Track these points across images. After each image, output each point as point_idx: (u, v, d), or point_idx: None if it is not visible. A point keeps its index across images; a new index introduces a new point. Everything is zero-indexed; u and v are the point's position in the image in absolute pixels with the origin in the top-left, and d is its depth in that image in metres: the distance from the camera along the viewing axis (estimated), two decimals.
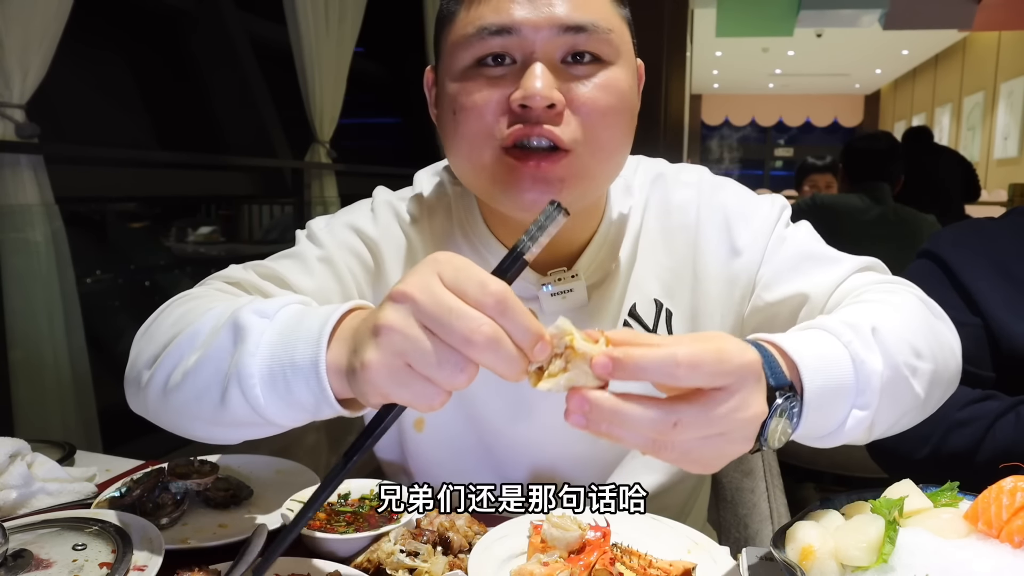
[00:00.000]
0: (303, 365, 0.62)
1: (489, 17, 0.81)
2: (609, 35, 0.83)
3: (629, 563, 0.76)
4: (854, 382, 0.67)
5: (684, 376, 0.54)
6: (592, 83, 0.83)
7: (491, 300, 0.53)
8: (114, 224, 2.89)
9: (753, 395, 0.57)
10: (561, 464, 1.01)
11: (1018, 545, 0.64)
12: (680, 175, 1.03)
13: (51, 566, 0.73)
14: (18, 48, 1.80)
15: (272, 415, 0.66)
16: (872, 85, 13.23)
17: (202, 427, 0.73)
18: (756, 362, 0.58)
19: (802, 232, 1.00)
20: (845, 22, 6.65)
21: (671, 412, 0.54)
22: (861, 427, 0.68)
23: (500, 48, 0.82)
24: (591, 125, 0.83)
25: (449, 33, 0.87)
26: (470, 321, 0.53)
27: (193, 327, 0.72)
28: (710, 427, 0.55)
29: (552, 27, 0.80)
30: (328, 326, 0.62)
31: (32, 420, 1.92)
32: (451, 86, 0.85)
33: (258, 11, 3.35)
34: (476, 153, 0.84)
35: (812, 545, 0.68)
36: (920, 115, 11.05)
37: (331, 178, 3.43)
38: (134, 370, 0.78)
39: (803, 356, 0.66)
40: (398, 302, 0.55)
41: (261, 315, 0.67)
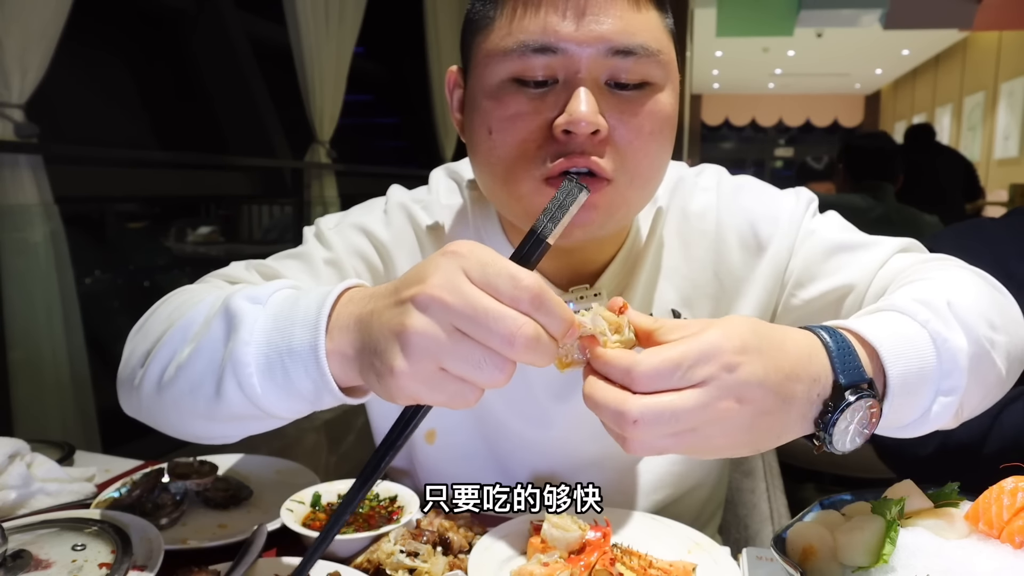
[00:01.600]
0: (301, 350, 0.59)
1: (532, 33, 0.76)
2: (658, 57, 0.78)
3: (629, 563, 0.76)
4: (936, 364, 0.63)
5: (642, 384, 0.54)
6: (637, 111, 0.78)
7: (526, 296, 0.52)
8: (113, 224, 2.89)
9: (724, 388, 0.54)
10: (572, 475, 0.99)
11: (1019, 546, 0.64)
12: (699, 180, 1.00)
13: (50, 566, 0.72)
14: (17, 48, 1.80)
15: (270, 405, 0.63)
16: (872, 85, 13.23)
17: (198, 424, 0.70)
18: (730, 364, 0.54)
19: (831, 222, 0.96)
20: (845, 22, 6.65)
21: (628, 401, 0.54)
22: (949, 412, 0.65)
23: (543, 68, 0.76)
24: (633, 154, 0.79)
25: (484, 41, 0.81)
26: (509, 323, 0.51)
27: (185, 319, 0.69)
28: (675, 424, 0.54)
29: (599, 49, 0.75)
30: (325, 308, 0.60)
31: (31, 420, 1.92)
32: (485, 100, 0.80)
33: (258, 11, 3.35)
34: (513, 181, 0.80)
35: (812, 545, 0.68)
36: (920, 115, 11.05)
37: (331, 178, 3.43)
38: (127, 369, 0.75)
39: (882, 340, 0.61)
40: (425, 306, 0.52)
41: (253, 301, 0.64)
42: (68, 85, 2.41)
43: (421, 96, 4.43)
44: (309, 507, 0.91)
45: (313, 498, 0.92)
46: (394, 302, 0.55)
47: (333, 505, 0.93)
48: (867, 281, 0.88)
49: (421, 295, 0.52)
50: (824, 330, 0.62)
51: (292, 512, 0.88)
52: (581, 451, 0.98)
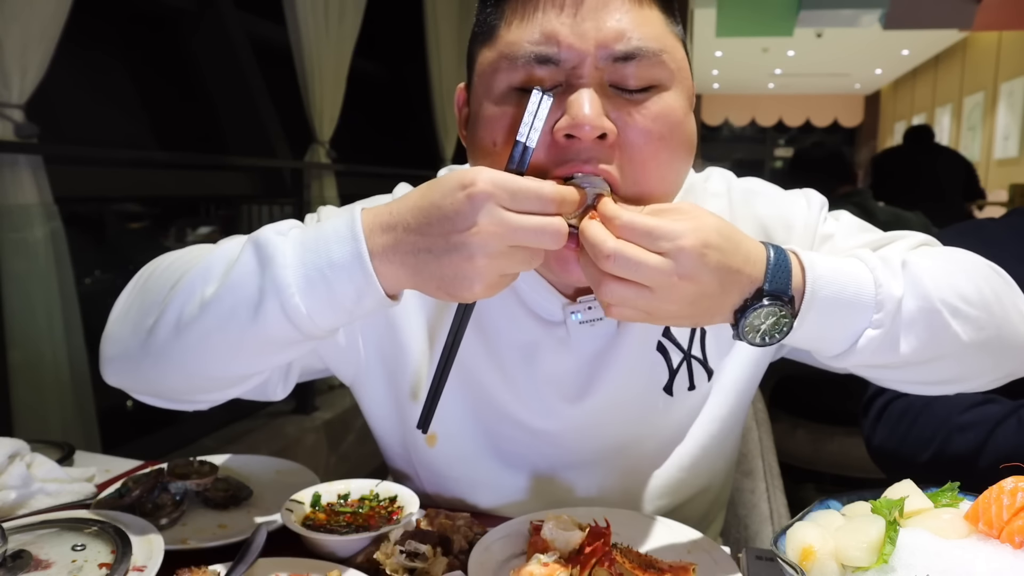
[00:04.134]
0: (343, 262, 0.67)
1: (534, 43, 0.76)
2: (661, 57, 0.77)
3: (629, 563, 0.76)
4: (872, 301, 0.71)
5: (620, 231, 0.67)
6: (644, 114, 0.77)
7: (552, 206, 0.67)
8: (113, 224, 2.89)
9: (685, 261, 0.65)
10: (574, 472, 0.99)
11: (1019, 546, 0.64)
12: (708, 185, 0.99)
13: (50, 567, 0.72)
14: (17, 48, 1.80)
15: (309, 323, 0.69)
16: (872, 85, 13.22)
17: (217, 361, 0.74)
18: (696, 250, 0.65)
19: (846, 223, 0.96)
20: (845, 22, 6.65)
21: (610, 240, 0.66)
22: (873, 346, 0.72)
23: (544, 76, 0.76)
24: (642, 161, 0.77)
25: (486, 52, 0.81)
26: (551, 233, 0.67)
27: (202, 263, 0.73)
28: (636, 275, 0.65)
29: (600, 55, 0.75)
30: (357, 222, 0.68)
31: (31, 420, 1.92)
32: (488, 109, 0.79)
33: (258, 11, 3.35)
34: None
35: (812, 545, 0.68)
36: (920, 115, 11.05)
37: (331, 178, 3.43)
38: (126, 323, 0.78)
39: (816, 266, 0.71)
40: (485, 243, 0.64)
41: (278, 233, 0.71)
42: (68, 85, 2.41)
43: (421, 96, 4.43)
44: (309, 507, 0.91)
45: (313, 498, 0.92)
46: (446, 244, 0.65)
47: (333, 505, 0.93)
48: None
49: (479, 237, 0.64)
50: (774, 247, 0.72)
51: (292, 512, 0.88)
52: (585, 454, 0.98)
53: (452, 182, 0.65)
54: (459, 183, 0.65)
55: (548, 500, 0.99)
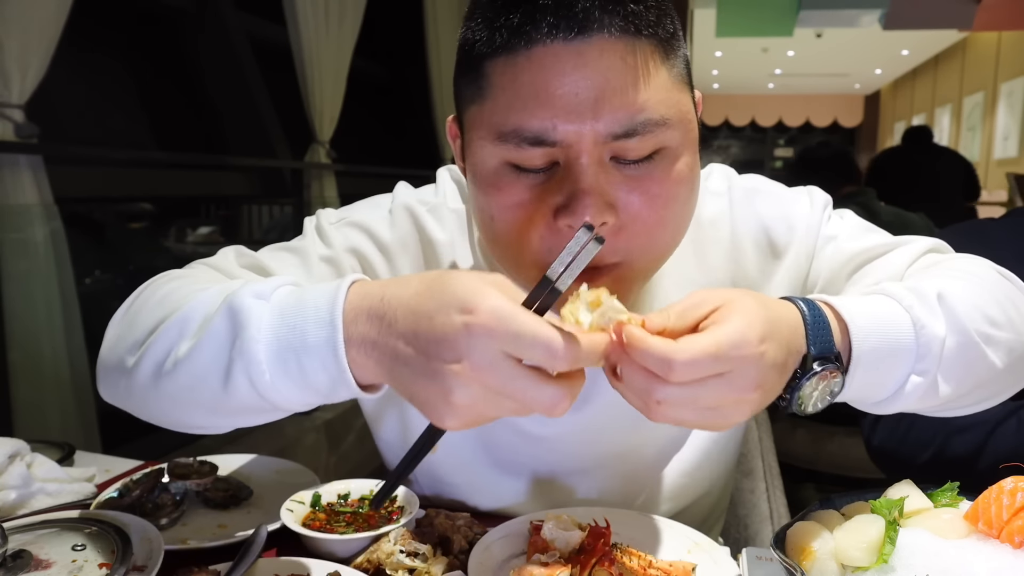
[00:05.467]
0: (317, 346, 0.60)
1: (524, 122, 0.70)
2: (667, 124, 0.72)
3: (629, 563, 0.76)
4: (913, 346, 0.66)
5: (677, 376, 0.56)
6: (648, 190, 0.73)
7: (564, 364, 0.54)
8: (113, 224, 2.89)
9: (748, 380, 0.58)
10: (573, 478, 0.98)
11: (1018, 545, 0.64)
12: (709, 184, 0.96)
13: (50, 566, 0.72)
14: (17, 48, 1.80)
15: (281, 399, 0.63)
16: (872, 85, 13.22)
17: (198, 416, 0.70)
18: (757, 354, 0.58)
19: (851, 224, 0.94)
20: (845, 22, 6.65)
21: (658, 389, 0.57)
22: (919, 392, 0.68)
23: (540, 157, 0.71)
24: (647, 231, 0.74)
25: (477, 114, 0.75)
26: (548, 400, 0.55)
27: (182, 311, 0.68)
28: (696, 405, 0.58)
29: (599, 133, 0.70)
30: (339, 304, 0.60)
31: (31, 420, 1.92)
32: (483, 182, 0.76)
33: (258, 11, 3.35)
34: (519, 268, 0.78)
35: (812, 545, 0.68)
36: (920, 115, 11.05)
37: (331, 178, 3.43)
38: (113, 355, 0.73)
39: (856, 318, 0.65)
40: (467, 383, 0.55)
41: (257, 296, 0.64)
42: (68, 85, 2.41)
43: (421, 96, 4.43)
44: (309, 507, 0.91)
45: (313, 498, 0.92)
46: (427, 366, 0.56)
47: (333, 505, 0.93)
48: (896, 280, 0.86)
49: (462, 377, 0.55)
50: (804, 302, 0.66)
51: (292, 512, 0.88)
52: (584, 460, 0.97)
53: (453, 300, 0.55)
54: (460, 305, 0.55)
55: (548, 506, 0.99)
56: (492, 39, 0.72)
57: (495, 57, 0.72)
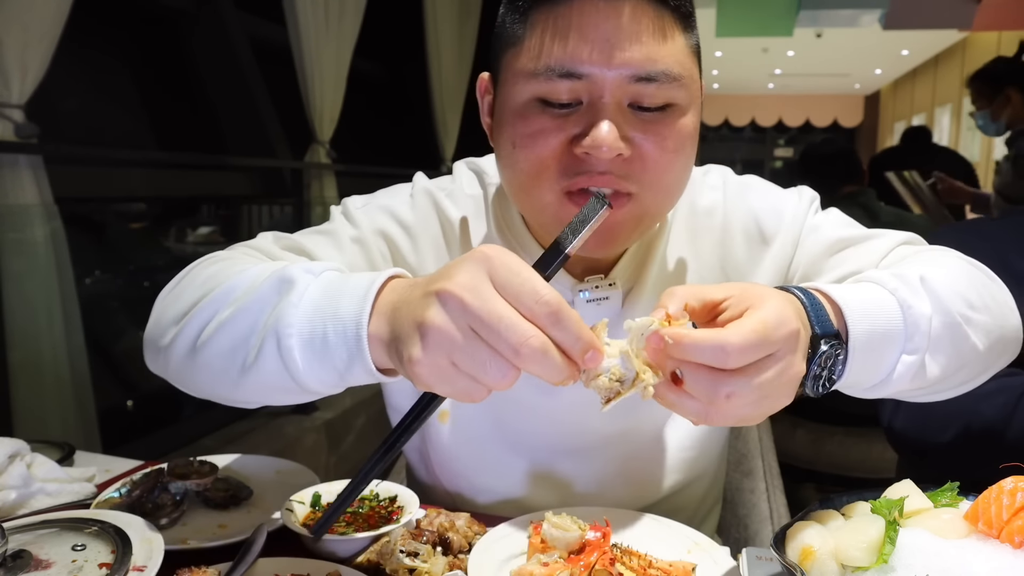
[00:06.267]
0: (345, 319, 0.62)
1: (559, 58, 0.79)
2: (680, 81, 0.81)
3: (629, 563, 0.76)
4: (902, 327, 0.70)
5: (734, 361, 0.57)
6: (659, 132, 0.81)
7: (544, 311, 0.54)
8: (114, 224, 2.89)
9: (795, 356, 0.60)
10: (577, 456, 1.01)
11: (1018, 545, 0.64)
12: (706, 178, 1.04)
13: (50, 566, 0.72)
14: (17, 48, 1.80)
15: (302, 372, 0.65)
16: (872, 85, 13.22)
17: (226, 388, 0.73)
18: (796, 330, 0.60)
19: (834, 218, 1.00)
20: (845, 22, 6.65)
21: (724, 383, 0.58)
22: (910, 373, 0.71)
23: (567, 91, 0.79)
24: (655, 171, 0.82)
25: (513, 58, 0.84)
26: (520, 333, 0.53)
27: (228, 283, 0.72)
28: (759, 393, 0.59)
29: (622, 75, 0.78)
30: (375, 287, 0.63)
31: (31, 420, 1.92)
32: (511, 117, 0.83)
33: (258, 11, 3.35)
34: (536, 193, 0.84)
35: (812, 545, 0.68)
36: (920, 115, 11.05)
37: (331, 178, 3.43)
38: (158, 328, 0.77)
39: (848, 301, 0.69)
40: (445, 302, 0.55)
41: (308, 271, 0.68)
42: (68, 85, 2.41)
43: (421, 96, 4.43)
44: (309, 507, 0.91)
45: (313, 498, 0.92)
46: (422, 294, 0.58)
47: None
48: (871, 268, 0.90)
49: (444, 291, 0.55)
50: (798, 289, 0.70)
51: (292, 512, 0.88)
52: (587, 437, 1.00)
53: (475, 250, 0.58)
54: (481, 249, 0.58)
55: (552, 483, 1.01)
56: None
57: (540, 4, 0.81)
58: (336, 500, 0.69)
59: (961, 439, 1.08)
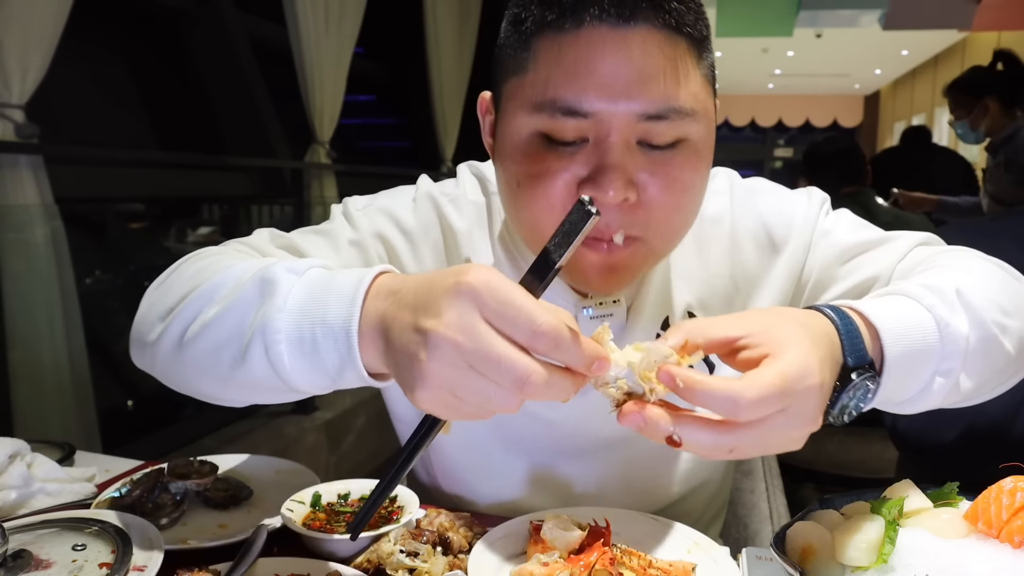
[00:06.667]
0: (334, 324, 0.60)
1: (562, 94, 0.74)
2: (693, 116, 0.76)
3: (629, 563, 0.76)
4: (939, 347, 0.67)
5: (747, 414, 0.53)
6: (669, 174, 0.77)
7: (543, 343, 0.52)
8: (114, 224, 2.89)
9: (810, 411, 0.56)
10: (579, 462, 1.00)
11: (1018, 545, 0.64)
12: (712, 183, 1.00)
13: (51, 566, 0.72)
14: (18, 48, 1.81)
15: (293, 376, 0.63)
16: (872, 85, 13.21)
17: (213, 386, 0.71)
18: (818, 384, 0.56)
19: (846, 221, 0.97)
20: (845, 22, 6.64)
21: (728, 439, 0.54)
22: (944, 391, 0.69)
23: (572, 130, 0.75)
24: (663, 214, 0.78)
25: (516, 86, 0.79)
26: (521, 370, 0.52)
27: (214, 280, 0.70)
28: (762, 444, 0.56)
29: (631, 113, 0.74)
30: (362, 287, 0.61)
31: (31, 420, 1.92)
32: (513, 149, 0.79)
33: (258, 11, 3.36)
34: (539, 233, 0.80)
35: (812, 545, 0.68)
36: (920, 115, 11.05)
37: (331, 178, 3.43)
38: (145, 323, 0.76)
39: (885, 321, 0.65)
40: (438, 345, 0.53)
41: (290, 271, 0.66)
42: (68, 85, 2.41)
43: (421, 96, 4.43)
44: (309, 507, 0.91)
45: (313, 498, 0.92)
46: (412, 326, 0.55)
47: (333, 505, 0.93)
48: (887, 275, 0.89)
49: (435, 334, 0.53)
50: (832, 310, 0.65)
51: (292, 512, 0.88)
52: (589, 443, 0.99)
53: (457, 267, 0.56)
54: (459, 269, 0.55)
55: (552, 490, 1.00)
56: (543, 16, 0.76)
57: (543, 33, 0.76)
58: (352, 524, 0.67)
59: (965, 438, 1.08)
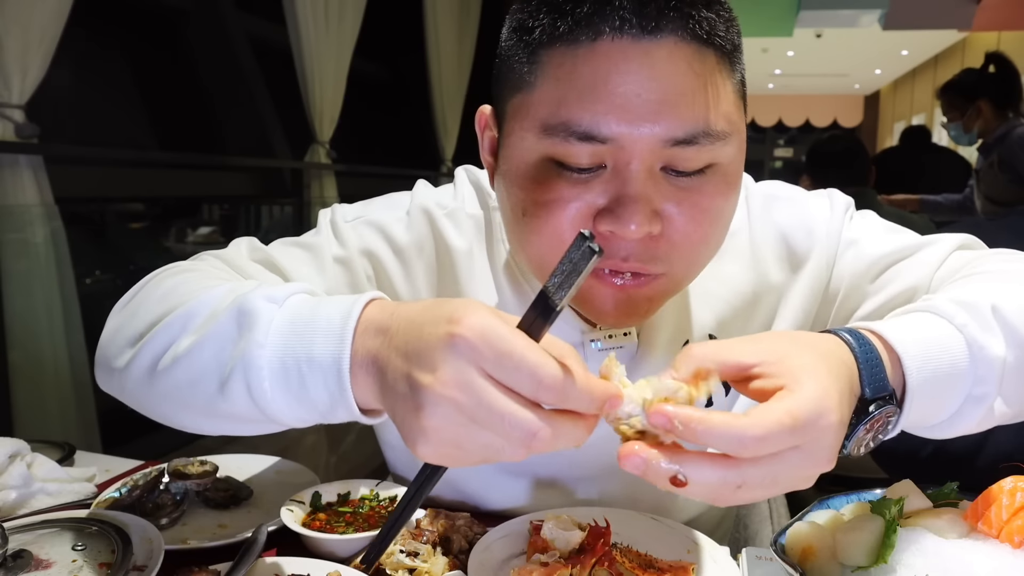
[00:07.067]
0: (322, 361, 0.56)
1: (576, 116, 0.65)
2: (724, 139, 0.68)
3: (629, 563, 0.76)
4: (970, 369, 0.61)
5: (752, 451, 0.48)
6: (696, 204, 0.69)
7: (548, 396, 0.48)
8: (114, 224, 2.89)
9: (825, 452, 0.51)
10: (582, 483, 0.97)
11: (1018, 545, 0.64)
12: None
13: (51, 566, 0.72)
14: (18, 48, 1.81)
15: (277, 412, 0.59)
16: (872, 85, 13.22)
17: (190, 417, 0.67)
18: (834, 423, 0.50)
19: (873, 227, 0.90)
20: (845, 22, 6.64)
21: (735, 475, 0.49)
22: (977, 417, 0.63)
23: (588, 156, 0.67)
24: (687, 247, 0.70)
25: (520, 103, 0.71)
26: (527, 428, 0.48)
27: (187, 306, 0.65)
28: (772, 482, 0.50)
29: (655, 138, 0.65)
30: (351, 322, 0.56)
31: (31, 420, 1.92)
32: (520, 175, 0.71)
33: (258, 11, 3.35)
34: (547, 265, 0.72)
35: (812, 545, 0.68)
36: (920, 115, 11.05)
37: (331, 178, 3.43)
38: (112, 347, 0.70)
39: (908, 347, 0.59)
40: (437, 403, 0.48)
41: (269, 300, 0.60)
42: (68, 85, 2.41)
43: (421, 96, 4.43)
44: (309, 507, 0.91)
45: (313, 498, 0.92)
46: (405, 376, 0.51)
47: (333, 505, 0.93)
48: (925, 285, 0.82)
49: (431, 391, 0.49)
50: (852, 336, 0.59)
51: (292, 512, 0.88)
52: (590, 466, 0.95)
53: (446, 310, 0.50)
54: (449, 315, 0.50)
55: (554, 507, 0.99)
56: (553, 26, 0.67)
57: (553, 46, 0.67)
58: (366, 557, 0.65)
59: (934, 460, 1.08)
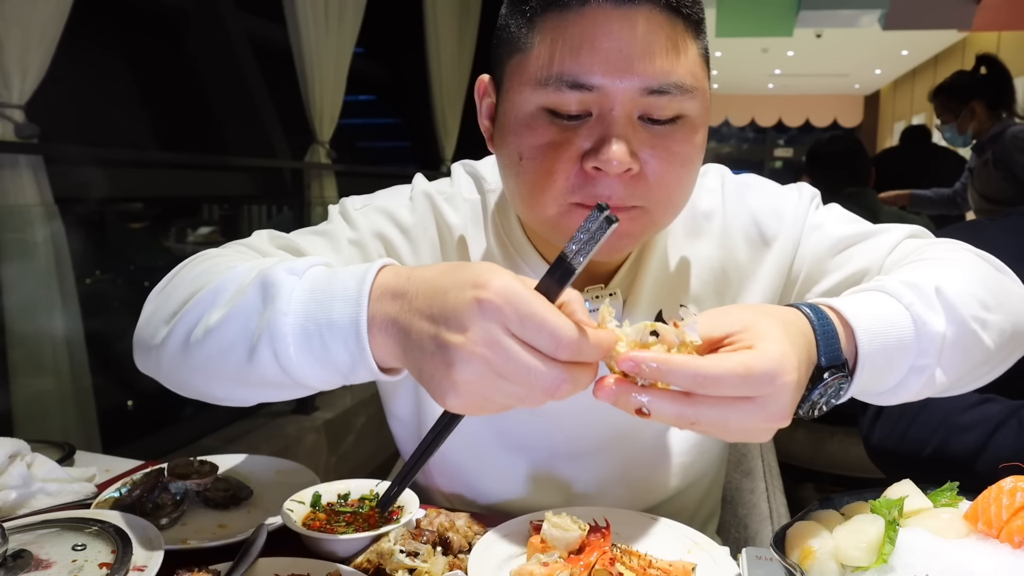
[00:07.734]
0: (342, 324, 0.62)
1: (568, 68, 0.76)
2: (692, 92, 0.79)
3: (629, 563, 0.76)
4: (914, 343, 0.69)
5: (709, 389, 0.56)
6: (669, 147, 0.80)
7: (565, 353, 0.55)
8: (114, 224, 2.89)
9: (779, 408, 0.58)
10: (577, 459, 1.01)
11: (1018, 545, 0.64)
12: (705, 181, 1.02)
13: (51, 566, 0.72)
14: (18, 48, 1.80)
15: (303, 375, 0.65)
16: (872, 85, 13.21)
17: (223, 387, 0.72)
18: (791, 382, 0.58)
19: (836, 215, 0.99)
20: (845, 22, 6.64)
21: (691, 411, 0.56)
22: (918, 384, 0.71)
23: (576, 103, 0.77)
24: (663, 186, 0.81)
25: (518, 65, 0.81)
26: (551, 379, 0.55)
27: (216, 283, 0.71)
28: (728, 427, 0.58)
29: (634, 87, 0.76)
30: (366, 284, 0.62)
31: (31, 420, 1.92)
32: (517, 127, 0.81)
33: (258, 11, 3.35)
34: (542, 205, 0.82)
35: (812, 545, 0.68)
36: (920, 115, 11.04)
37: (331, 178, 3.43)
38: (148, 327, 0.76)
39: (861, 320, 0.67)
40: (468, 359, 0.55)
41: (290, 272, 0.66)
42: (68, 85, 2.41)
43: (421, 96, 4.43)
44: (309, 507, 0.91)
45: (313, 498, 0.92)
46: (433, 338, 0.57)
47: (333, 505, 0.93)
48: (877, 268, 0.91)
49: (463, 350, 0.55)
50: (811, 309, 0.67)
51: (292, 512, 0.88)
52: (587, 440, 1.00)
53: (468, 277, 0.57)
54: (474, 279, 0.56)
55: (551, 486, 1.01)
56: None
57: (548, 11, 0.78)
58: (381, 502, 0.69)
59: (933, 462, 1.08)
